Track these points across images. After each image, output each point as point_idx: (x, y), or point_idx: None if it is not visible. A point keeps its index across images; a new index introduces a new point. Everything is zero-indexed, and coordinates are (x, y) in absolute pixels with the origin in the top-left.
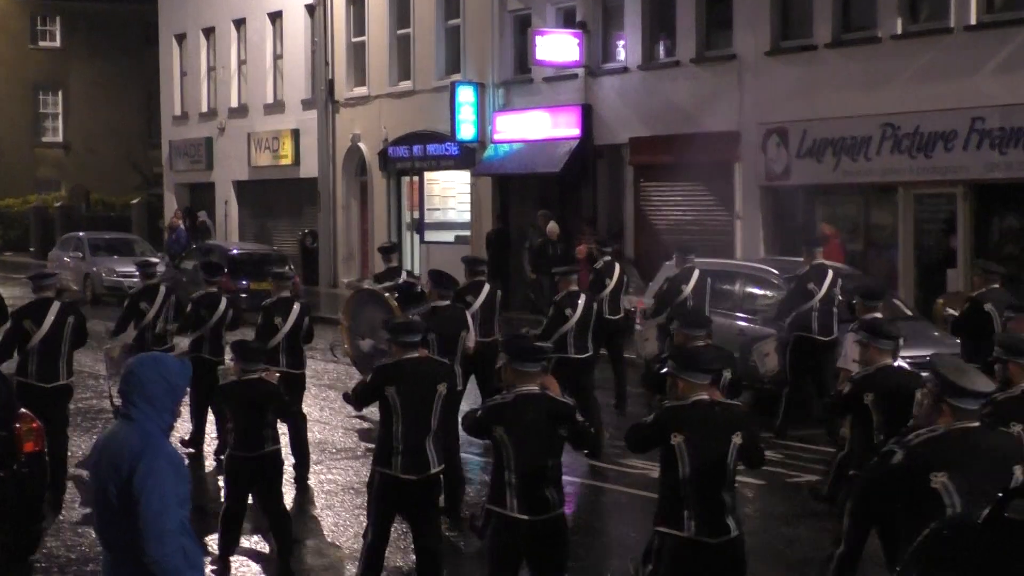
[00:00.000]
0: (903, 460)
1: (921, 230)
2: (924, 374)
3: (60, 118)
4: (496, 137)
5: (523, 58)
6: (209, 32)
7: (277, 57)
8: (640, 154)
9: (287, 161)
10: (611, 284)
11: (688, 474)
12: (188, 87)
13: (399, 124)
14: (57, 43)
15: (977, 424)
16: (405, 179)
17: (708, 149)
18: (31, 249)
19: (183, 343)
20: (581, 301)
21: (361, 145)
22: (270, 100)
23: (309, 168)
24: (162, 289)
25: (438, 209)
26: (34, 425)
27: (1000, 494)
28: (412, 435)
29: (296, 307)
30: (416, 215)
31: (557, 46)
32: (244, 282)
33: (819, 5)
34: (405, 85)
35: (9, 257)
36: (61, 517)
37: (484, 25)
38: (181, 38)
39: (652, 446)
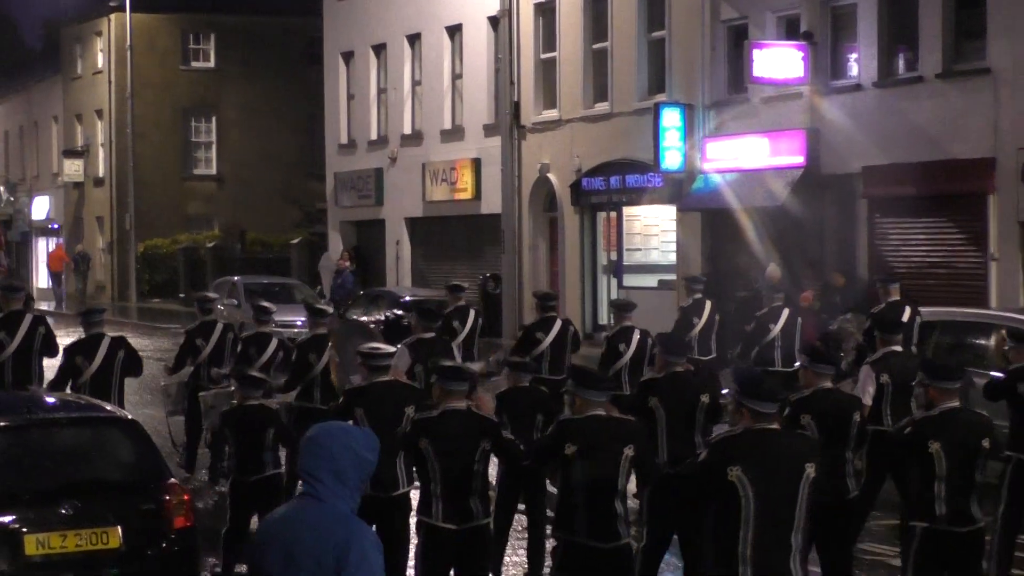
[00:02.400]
0: (706, 456)
1: None
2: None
3: (213, 147)
4: (706, 166)
5: (738, 75)
6: (380, 49)
7: (456, 77)
8: (875, 185)
9: (466, 195)
10: (699, 323)
11: (581, 482)
12: (355, 111)
13: (594, 152)
14: (211, 63)
15: (774, 426)
16: (601, 215)
17: (957, 179)
18: (180, 295)
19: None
20: (636, 336)
21: (550, 176)
22: (447, 126)
23: (491, 203)
24: (219, 326)
25: (639, 249)
26: (185, 498)
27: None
28: (380, 455)
29: (327, 344)
30: (613, 256)
31: (778, 61)
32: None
33: None
34: (601, 107)
35: (157, 304)
36: None
37: (693, 38)
38: (348, 56)
39: (550, 458)
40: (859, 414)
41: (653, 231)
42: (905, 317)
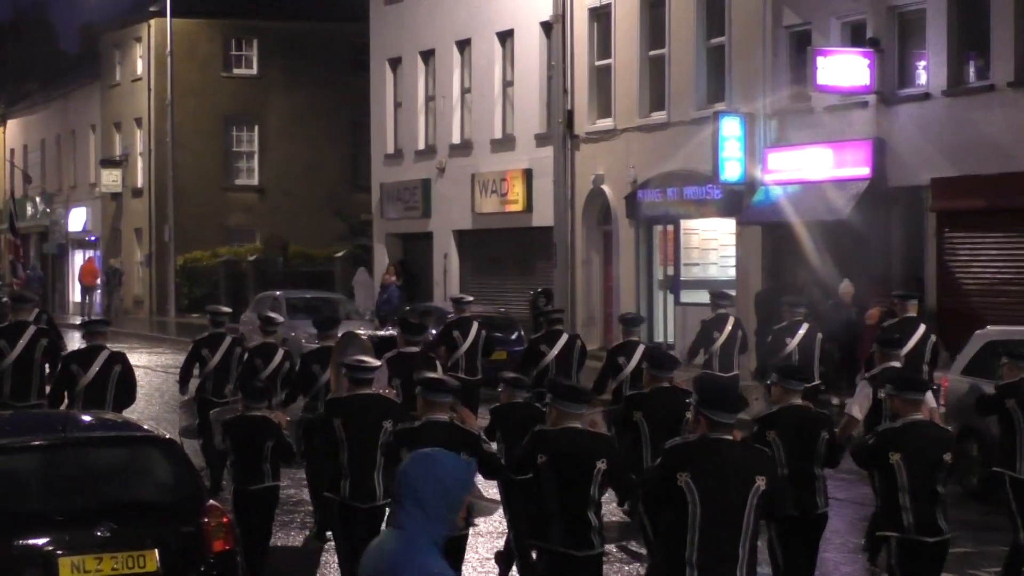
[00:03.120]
0: (660, 462)
1: None
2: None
3: (255, 157)
4: (767, 178)
5: (801, 83)
6: (428, 56)
7: (507, 84)
8: (944, 198)
9: (517, 207)
10: (720, 338)
11: (554, 492)
12: (403, 120)
13: (650, 163)
14: (253, 70)
15: (727, 437)
16: (657, 228)
17: None
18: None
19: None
20: (638, 351)
21: (605, 188)
22: (498, 135)
23: (543, 215)
24: (227, 339)
25: (696, 264)
26: (224, 520)
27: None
28: (357, 464)
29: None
30: (670, 271)
31: (843, 68)
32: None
33: None
34: (658, 116)
35: (196, 319)
36: None
37: (754, 44)
38: (395, 63)
39: (527, 467)
40: (827, 431)
41: (711, 245)
42: (918, 335)
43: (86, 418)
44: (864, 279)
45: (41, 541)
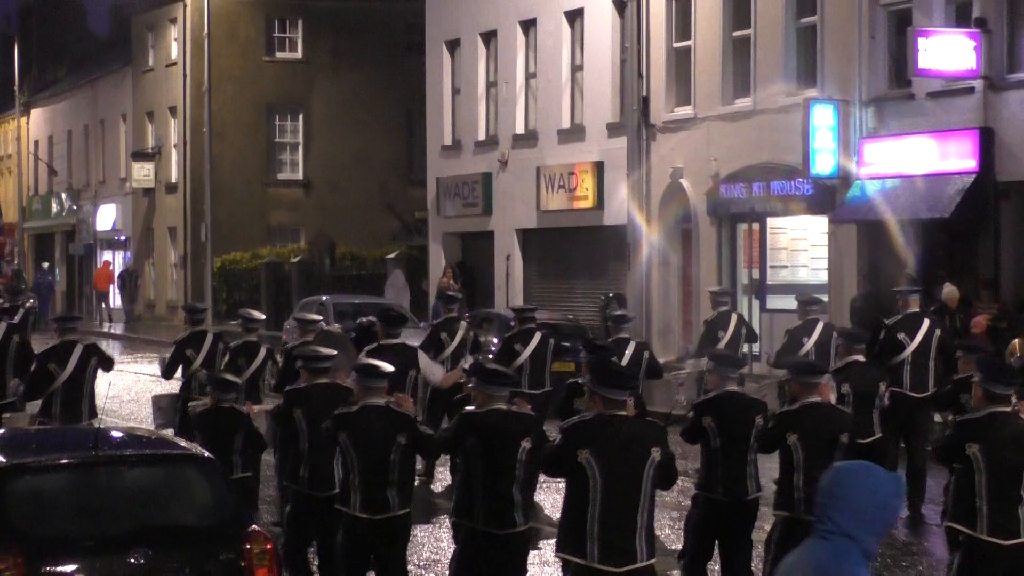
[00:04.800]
0: (561, 440)
1: None
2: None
3: (300, 149)
4: (863, 172)
5: (901, 67)
6: (489, 38)
7: (576, 69)
8: None
9: (587, 203)
10: (725, 337)
11: (480, 472)
12: (461, 108)
13: (734, 155)
14: (298, 54)
15: (622, 413)
16: (742, 227)
17: None
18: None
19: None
20: (631, 348)
21: (684, 182)
22: (566, 124)
23: (615, 212)
24: (209, 336)
25: (785, 266)
26: (268, 547)
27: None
28: (316, 454)
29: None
30: (755, 274)
31: (946, 51)
32: None
33: None
34: (743, 104)
35: (235, 326)
36: None
37: (848, 24)
38: (453, 46)
39: (455, 448)
40: (762, 417)
41: (801, 246)
42: (923, 330)
43: (118, 434)
44: (969, 283)
45: (70, 568)
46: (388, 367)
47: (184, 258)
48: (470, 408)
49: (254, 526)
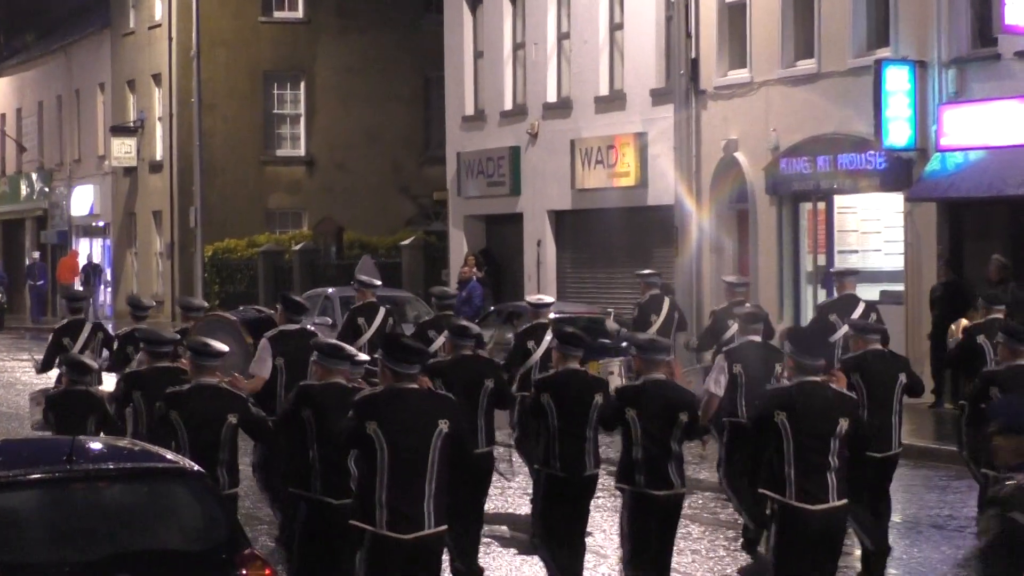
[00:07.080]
0: (351, 414)
1: None
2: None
3: (302, 122)
4: (944, 142)
5: (985, 23)
6: None
7: (615, 28)
8: None
9: (628, 180)
10: (658, 321)
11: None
12: (485, 74)
13: (796, 125)
14: (299, 13)
15: (412, 386)
16: (805, 207)
17: None
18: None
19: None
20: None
21: (739, 156)
22: (604, 91)
23: (661, 191)
24: (87, 325)
25: (855, 251)
26: (267, 572)
27: None
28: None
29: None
30: (821, 260)
31: None
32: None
33: None
34: (806, 66)
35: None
36: None
37: None
38: (475, 3)
39: (290, 418)
40: (601, 395)
41: (873, 227)
42: (858, 312)
43: (96, 446)
44: None
45: None
46: (221, 346)
47: (171, 247)
48: (308, 382)
49: (250, 550)
